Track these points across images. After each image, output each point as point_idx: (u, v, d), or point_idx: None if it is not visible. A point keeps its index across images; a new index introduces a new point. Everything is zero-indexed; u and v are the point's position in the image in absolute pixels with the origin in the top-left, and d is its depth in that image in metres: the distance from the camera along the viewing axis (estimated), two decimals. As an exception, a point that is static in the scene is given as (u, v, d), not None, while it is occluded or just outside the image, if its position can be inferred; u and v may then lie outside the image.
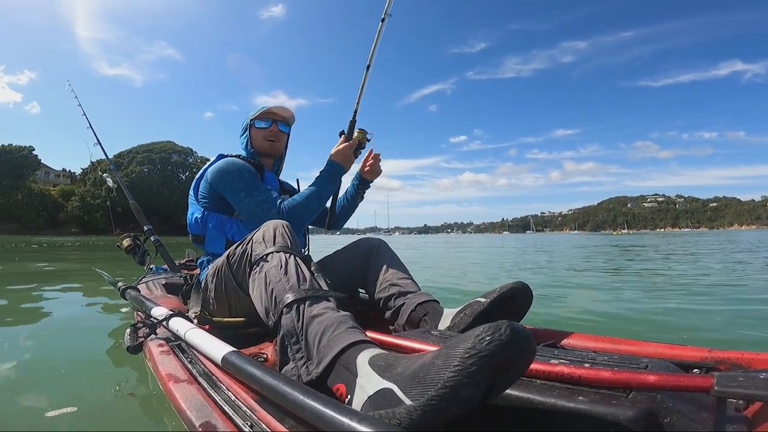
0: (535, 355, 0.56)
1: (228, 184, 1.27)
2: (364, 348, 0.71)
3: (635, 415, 0.56)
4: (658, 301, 2.90)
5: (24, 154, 37.25)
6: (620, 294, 3.20)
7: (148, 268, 2.18)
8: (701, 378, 0.59)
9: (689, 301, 2.83)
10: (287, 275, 0.90)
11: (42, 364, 1.37)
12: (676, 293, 3.20)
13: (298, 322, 0.80)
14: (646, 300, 2.94)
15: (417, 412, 0.51)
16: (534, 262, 6.75)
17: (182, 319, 1.02)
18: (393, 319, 1.24)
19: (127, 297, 1.53)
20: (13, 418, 0.97)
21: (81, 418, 0.98)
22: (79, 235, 36.48)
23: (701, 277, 4.29)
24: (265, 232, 1.02)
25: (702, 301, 2.83)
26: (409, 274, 1.33)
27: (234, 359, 0.74)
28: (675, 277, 4.32)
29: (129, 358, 1.34)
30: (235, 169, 1.28)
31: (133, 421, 0.99)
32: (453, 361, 0.50)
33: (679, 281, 3.98)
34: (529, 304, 1.09)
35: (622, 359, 0.73)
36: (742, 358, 0.79)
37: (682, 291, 3.31)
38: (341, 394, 0.66)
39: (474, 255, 9.64)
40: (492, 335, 0.50)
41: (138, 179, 45.69)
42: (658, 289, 3.54)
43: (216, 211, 1.33)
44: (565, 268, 5.62)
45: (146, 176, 47.62)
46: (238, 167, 1.29)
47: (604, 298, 3.01)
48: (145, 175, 47.56)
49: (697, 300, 2.86)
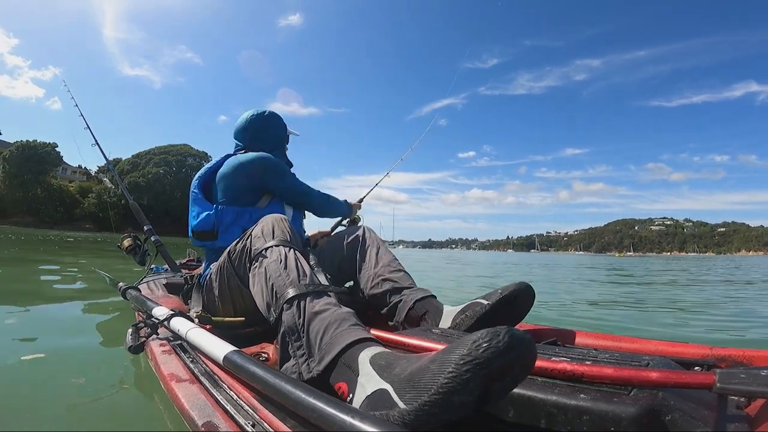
0: (534, 364, 0.54)
1: (276, 172, 1.36)
2: (367, 346, 0.70)
3: (637, 413, 0.56)
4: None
5: (47, 150, 37.80)
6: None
7: (149, 268, 2.18)
8: (703, 375, 0.59)
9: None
10: (287, 270, 0.89)
11: (42, 364, 1.37)
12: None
13: (299, 319, 0.80)
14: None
15: (409, 416, 0.51)
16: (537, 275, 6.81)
17: (183, 318, 1.01)
18: (390, 316, 1.22)
19: (128, 297, 1.52)
20: (13, 418, 0.97)
21: (82, 418, 0.98)
22: (93, 231, 36.93)
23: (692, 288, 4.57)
24: (264, 226, 1.01)
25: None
26: (400, 264, 1.30)
27: (235, 358, 0.74)
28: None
29: (131, 357, 1.35)
30: (276, 161, 1.37)
31: (136, 420, 0.99)
32: (447, 367, 0.50)
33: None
34: (530, 305, 1.08)
35: (624, 357, 0.73)
36: (744, 355, 0.79)
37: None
38: (343, 393, 0.66)
39: (479, 269, 9.79)
40: (489, 342, 0.48)
41: (154, 180, 46.20)
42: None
43: (236, 204, 1.30)
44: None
45: (161, 177, 47.99)
46: (276, 159, 1.38)
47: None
48: (161, 177, 47.95)
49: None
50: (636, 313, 3.20)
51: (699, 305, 3.71)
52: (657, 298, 4.46)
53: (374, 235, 1.39)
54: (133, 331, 1.02)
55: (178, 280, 1.95)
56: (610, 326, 2.27)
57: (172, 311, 1.07)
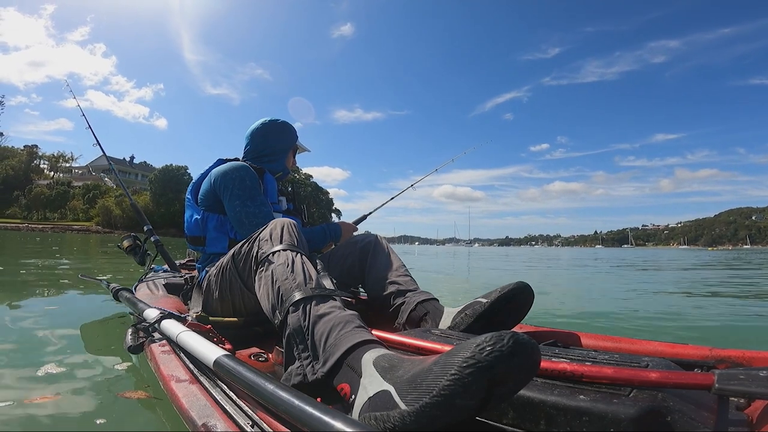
0: (537, 370, 0.54)
1: (228, 189, 1.28)
2: (370, 348, 0.70)
3: (636, 414, 0.56)
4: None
5: (181, 172, 44.77)
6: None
7: (149, 268, 2.18)
8: (702, 375, 0.60)
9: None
10: (294, 273, 0.90)
11: (42, 363, 1.37)
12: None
13: (304, 321, 0.80)
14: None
15: (410, 417, 0.51)
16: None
17: (174, 321, 1.00)
18: (393, 318, 1.23)
19: (120, 299, 1.52)
20: (12, 418, 0.97)
21: (82, 418, 0.97)
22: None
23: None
24: (272, 230, 1.02)
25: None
26: (407, 270, 1.33)
27: (225, 362, 0.73)
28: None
29: (131, 357, 1.34)
30: (237, 176, 1.29)
31: (135, 421, 0.99)
32: (450, 369, 0.50)
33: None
34: (530, 305, 1.09)
35: (623, 358, 0.73)
36: (743, 356, 0.79)
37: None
38: (345, 394, 0.66)
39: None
40: (493, 346, 0.48)
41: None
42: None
43: (217, 212, 1.33)
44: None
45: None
46: (241, 174, 1.30)
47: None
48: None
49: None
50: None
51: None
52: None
53: (385, 242, 1.42)
54: (132, 331, 1.02)
55: (178, 280, 1.95)
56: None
57: (161, 313, 1.06)
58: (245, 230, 1.22)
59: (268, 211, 1.30)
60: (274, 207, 1.41)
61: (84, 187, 48.89)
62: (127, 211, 39.66)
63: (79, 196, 47.95)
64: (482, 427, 0.66)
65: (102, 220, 42.43)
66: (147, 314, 1.10)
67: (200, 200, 1.35)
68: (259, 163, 1.45)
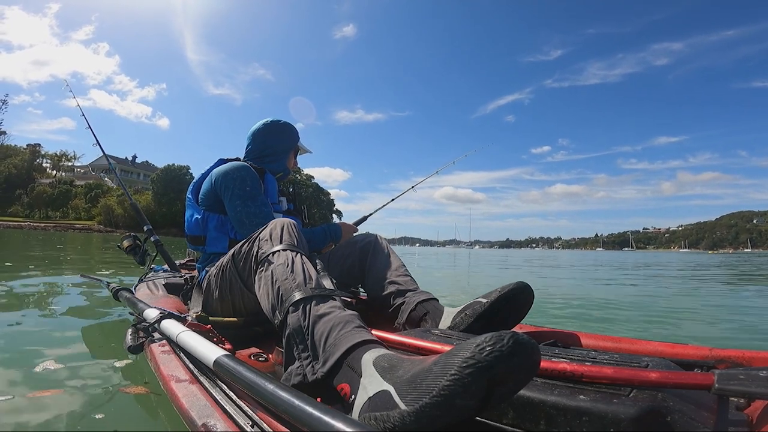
0: (537, 370, 0.54)
1: (229, 189, 1.28)
2: (370, 348, 0.70)
3: (636, 414, 0.56)
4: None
5: (183, 172, 44.96)
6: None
7: (149, 268, 2.18)
8: (702, 375, 0.60)
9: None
10: (294, 273, 0.90)
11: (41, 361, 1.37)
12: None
13: (304, 321, 0.80)
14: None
15: (410, 417, 0.51)
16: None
17: (174, 321, 1.00)
18: (393, 318, 1.24)
19: (120, 299, 1.52)
20: (12, 418, 0.97)
21: (81, 418, 0.98)
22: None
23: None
24: (272, 230, 1.02)
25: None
26: (407, 270, 1.33)
27: (225, 362, 0.73)
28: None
29: (130, 357, 1.35)
30: (238, 176, 1.29)
31: (135, 420, 0.99)
32: (450, 369, 0.50)
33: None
34: (530, 305, 1.09)
35: (623, 358, 0.73)
36: (743, 356, 0.79)
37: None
38: (345, 394, 0.66)
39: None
40: (493, 346, 0.48)
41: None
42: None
43: (217, 212, 1.33)
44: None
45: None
46: (242, 174, 1.30)
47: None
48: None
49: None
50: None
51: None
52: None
53: (384, 241, 1.43)
54: (132, 331, 1.02)
55: (177, 280, 1.95)
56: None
57: (162, 313, 1.06)
58: (246, 230, 1.22)
59: (268, 211, 1.30)
60: (274, 207, 1.41)
61: (86, 186, 49.14)
62: (128, 211, 39.73)
63: (81, 195, 48.18)
64: (482, 427, 0.66)
65: (104, 219, 42.53)
66: (147, 314, 1.10)
67: (201, 200, 1.35)
68: (260, 163, 1.45)
